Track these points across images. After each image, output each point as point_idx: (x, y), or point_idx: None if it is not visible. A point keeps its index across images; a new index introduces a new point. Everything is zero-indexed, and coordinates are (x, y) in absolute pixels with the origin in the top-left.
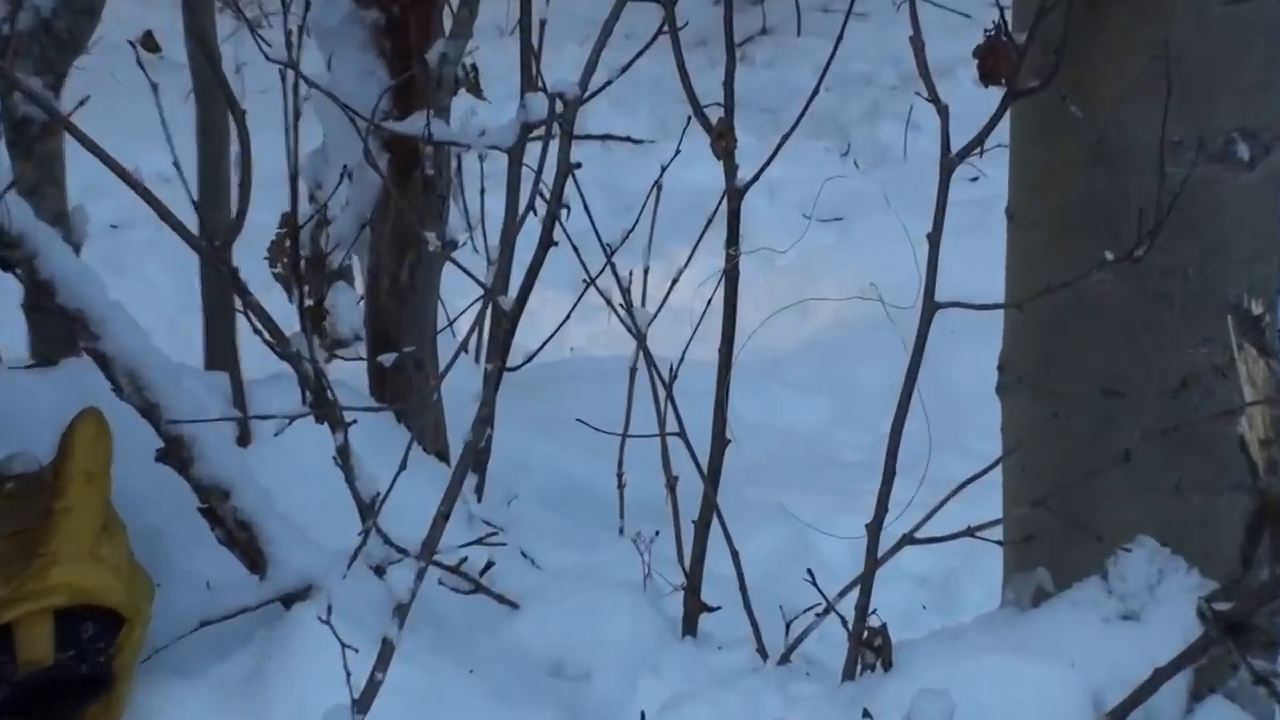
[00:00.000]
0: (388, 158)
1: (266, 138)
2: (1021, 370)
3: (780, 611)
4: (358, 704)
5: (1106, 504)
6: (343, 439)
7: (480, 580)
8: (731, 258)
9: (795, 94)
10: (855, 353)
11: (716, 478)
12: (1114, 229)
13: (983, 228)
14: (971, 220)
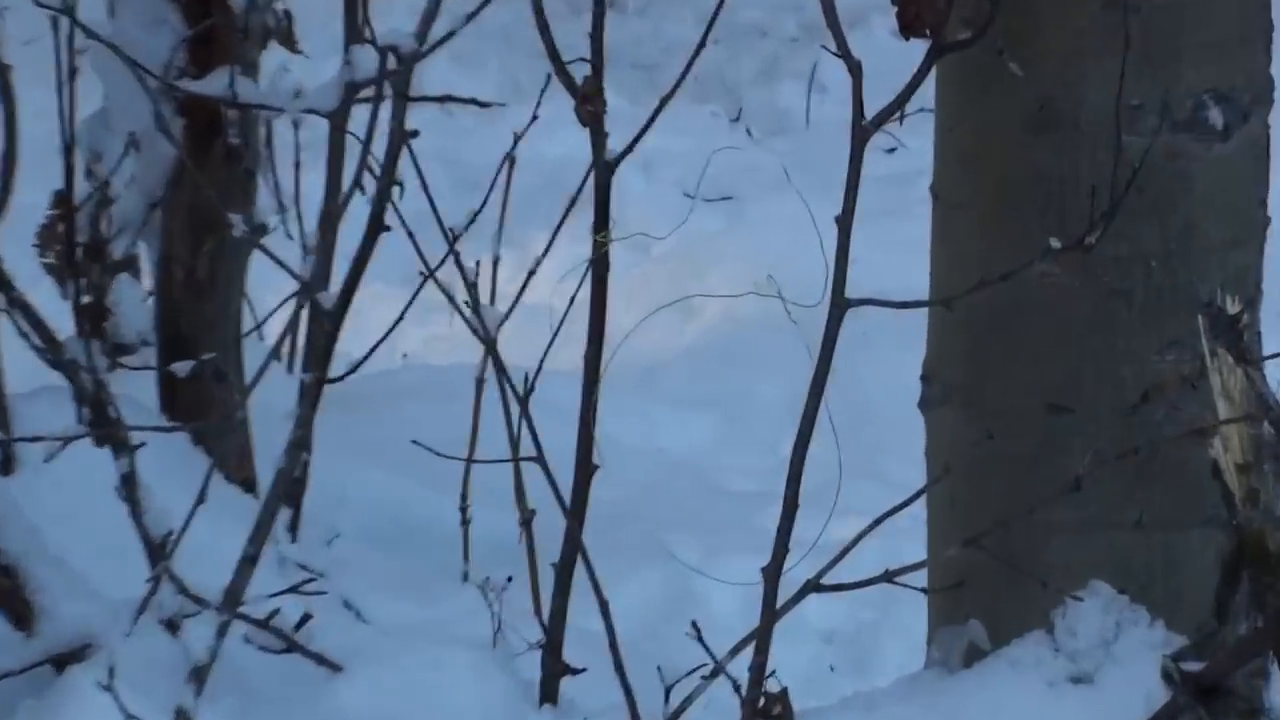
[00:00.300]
0: (183, 124)
1: (34, 99)
2: (950, 381)
3: (659, 674)
4: None
5: (1052, 542)
6: (128, 465)
7: (295, 637)
8: (599, 245)
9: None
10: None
11: (582, 512)
12: (1061, 211)
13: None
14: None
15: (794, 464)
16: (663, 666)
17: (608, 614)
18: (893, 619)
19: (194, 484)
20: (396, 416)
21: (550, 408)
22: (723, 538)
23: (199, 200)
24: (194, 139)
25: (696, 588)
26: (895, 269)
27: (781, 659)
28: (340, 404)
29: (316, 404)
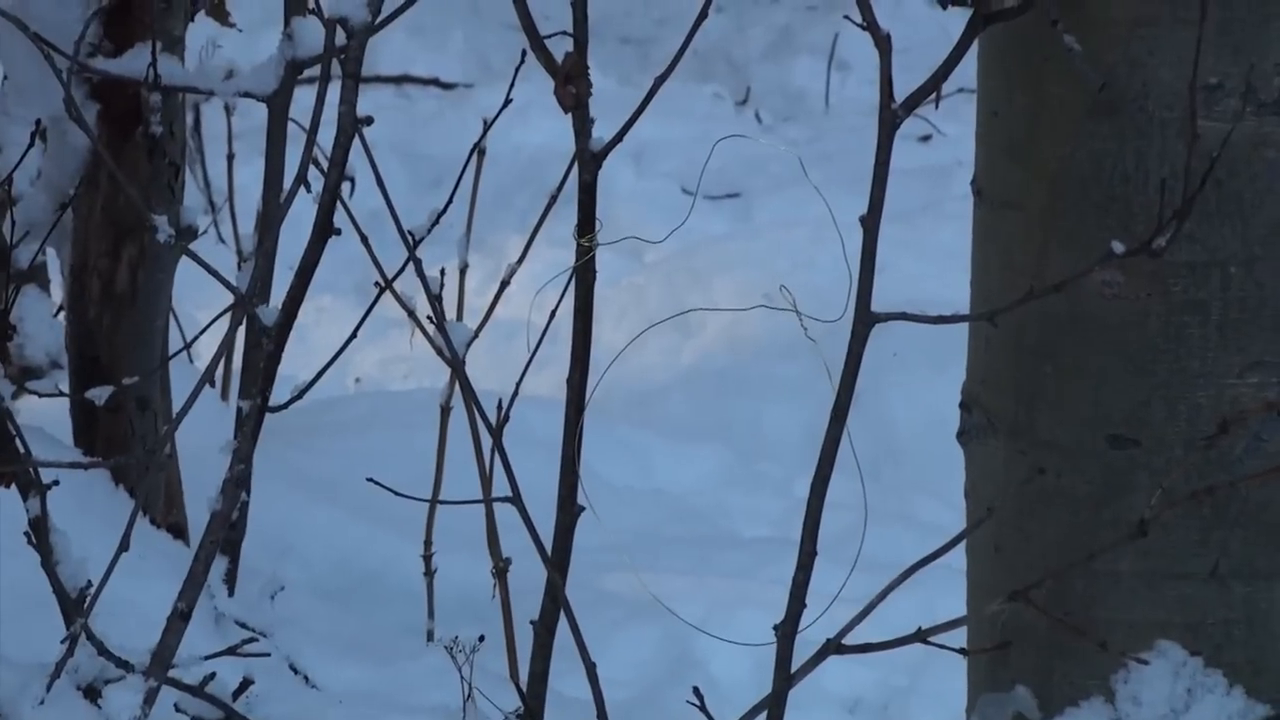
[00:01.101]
0: (97, 110)
1: None
2: (994, 409)
3: None
4: None
5: (1114, 596)
6: (38, 507)
7: (234, 706)
8: (584, 251)
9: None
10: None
11: (565, 560)
12: (1125, 210)
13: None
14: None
15: (812, 506)
16: None
17: (595, 679)
18: (926, 685)
19: (116, 528)
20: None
21: (528, 440)
22: (729, 591)
23: (117, 199)
24: (111, 127)
25: (698, 648)
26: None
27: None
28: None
29: (257, 436)
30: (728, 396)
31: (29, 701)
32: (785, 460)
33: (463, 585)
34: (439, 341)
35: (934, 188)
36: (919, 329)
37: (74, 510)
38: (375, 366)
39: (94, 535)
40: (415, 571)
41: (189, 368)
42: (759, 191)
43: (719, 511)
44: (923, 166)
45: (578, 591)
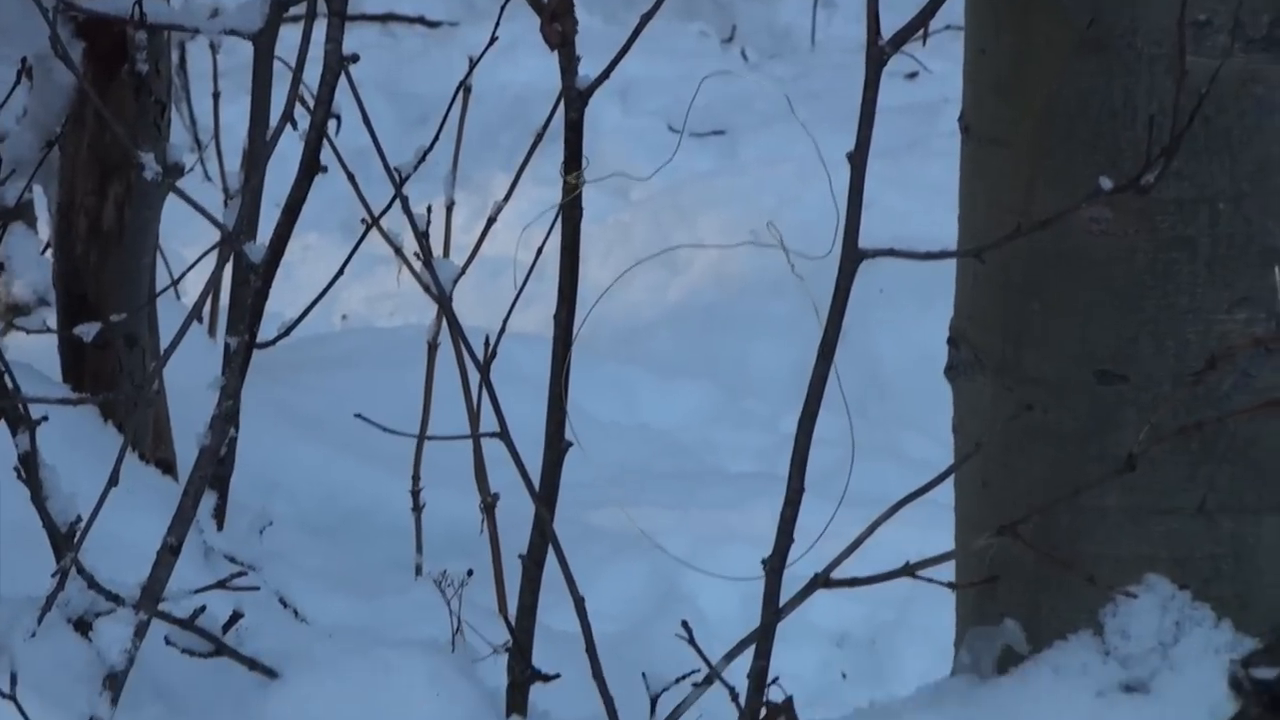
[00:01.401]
0: (83, 47)
1: None
2: (982, 345)
3: (644, 681)
4: None
5: (1101, 531)
6: (28, 443)
7: (224, 639)
8: (571, 188)
9: None
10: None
11: (553, 495)
12: (1113, 147)
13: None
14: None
15: (799, 442)
16: (648, 673)
17: (583, 612)
18: (914, 619)
19: (105, 464)
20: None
21: (515, 376)
22: (716, 526)
23: (103, 137)
24: (97, 65)
25: (686, 583)
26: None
27: (785, 664)
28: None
29: (244, 372)
30: (714, 333)
31: (20, 635)
32: (772, 396)
33: (450, 520)
34: (426, 278)
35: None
36: (906, 265)
37: (63, 446)
38: (362, 303)
39: (83, 471)
40: (403, 507)
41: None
42: (745, 129)
43: (706, 447)
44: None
45: (565, 526)
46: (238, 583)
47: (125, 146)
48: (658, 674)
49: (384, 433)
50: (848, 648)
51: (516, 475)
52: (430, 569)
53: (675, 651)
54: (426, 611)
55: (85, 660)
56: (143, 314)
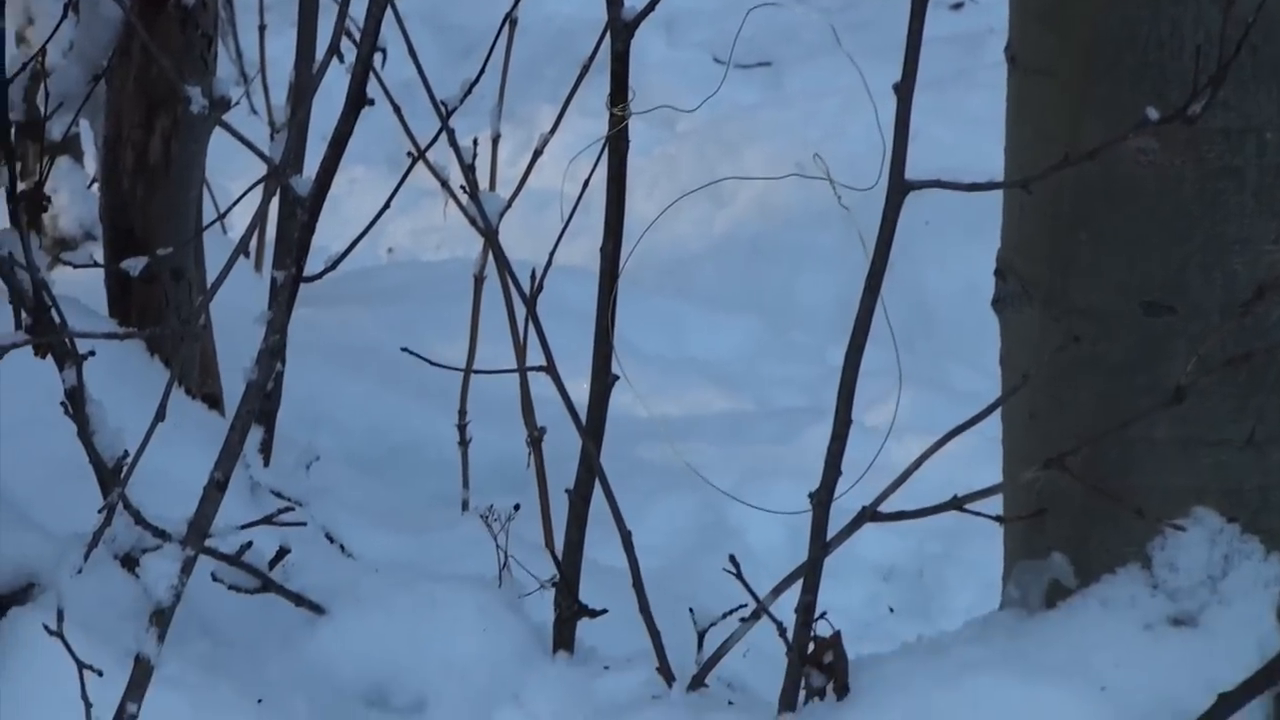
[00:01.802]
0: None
1: None
2: (1029, 277)
3: (690, 616)
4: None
5: (1149, 463)
6: (74, 378)
7: (270, 574)
8: (617, 120)
9: None
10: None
11: (600, 429)
12: (1160, 76)
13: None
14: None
15: (846, 374)
16: (694, 607)
17: (630, 547)
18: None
19: (151, 399)
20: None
21: (561, 310)
22: (763, 460)
23: (150, 71)
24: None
25: (733, 517)
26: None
27: (833, 598)
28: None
29: (291, 306)
30: (760, 266)
31: (67, 571)
32: (818, 329)
33: (497, 455)
34: (472, 211)
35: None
36: (952, 197)
37: (110, 381)
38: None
39: (130, 406)
40: (449, 441)
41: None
42: (791, 61)
43: (752, 380)
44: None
45: (612, 461)
46: (284, 518)
47: (172, 80)
48: (705, 609)
49: (430, 367)
50: (895, 581)
51: (563, 409)
52: (477, 504)
53: (722, 586)
54: (473, 546)
55: (132, 596)
56: (189, 248)
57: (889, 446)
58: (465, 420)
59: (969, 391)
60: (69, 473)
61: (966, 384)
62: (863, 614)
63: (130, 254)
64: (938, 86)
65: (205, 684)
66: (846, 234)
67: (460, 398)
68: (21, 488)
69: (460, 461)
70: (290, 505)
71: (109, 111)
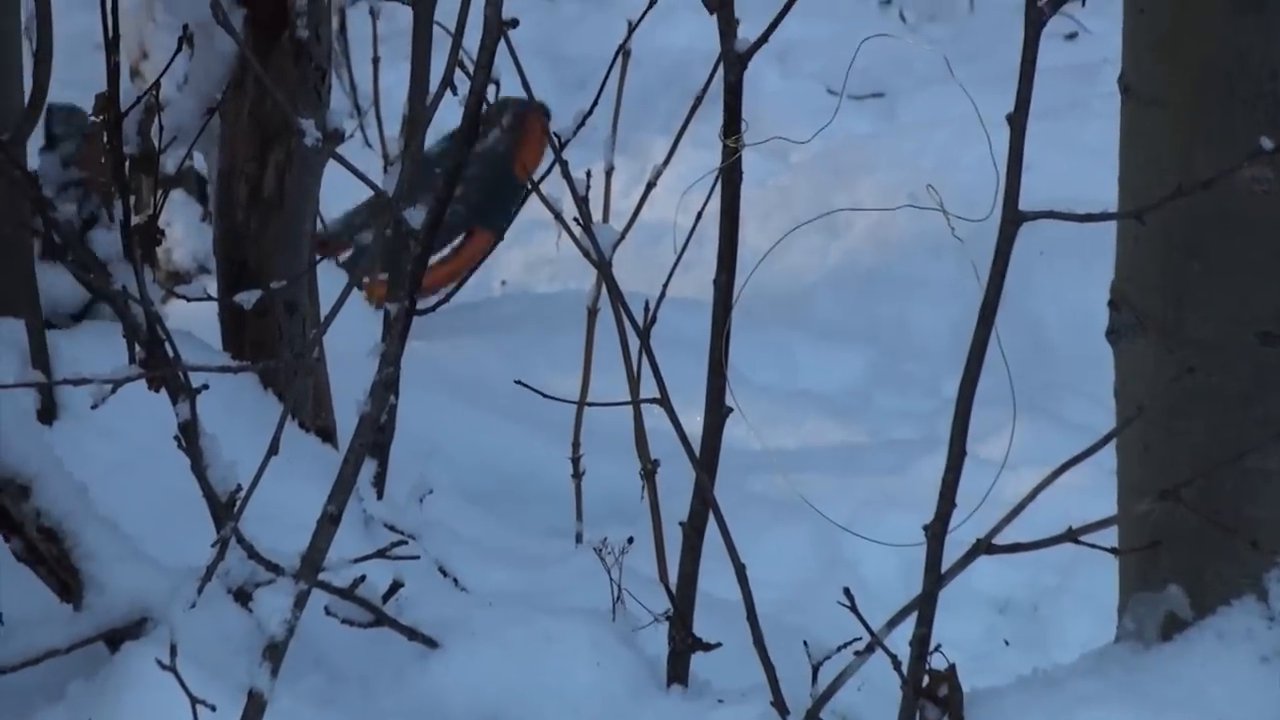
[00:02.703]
0: (244, 14)
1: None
2: (1143, 307)
3: (805, 649)
4: None
5: (1265, 494)
6: (188, 411)
7: (384, 608)
8: (730, 152)
9: None
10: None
11: (714, 462)
12: (1273, 105)
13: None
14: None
15: (960, 405)
16: (809, 640)
17: (745, 580)
18: (1077, 585)
19: (264, 432)
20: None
21: (675, 342)
22: (877, 492)
23: (264, 104)
24: (257, 31)
25: (847, 549)
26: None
27: (947, 631)
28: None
29: (405, 338)
30: (874, 297)
31: (180, 605)
32: (932, 360)
33: (610, 487)
34: (585, 243)
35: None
36: (1066, 227)
37: (223, 414)
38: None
39: (243, 439)
40: (563, 473)
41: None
42: (904, 91)
43: (866, 412)
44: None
45: (726, 492)
46: (398, 551)
47: (286, 113)
48: (819, 641)
49: (543, 399)
50: (1010, 614)
51: (677, 441)
52: (590, 537)
53: (837, 619)
54: (587, 579)
55: (245, 630)
56: (303, 280)
57: (1003, 478)
58: (579, 453)
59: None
60: (182, 507)
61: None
62: (978, 647)
63: (244, 287)
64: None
65: (318, 719)
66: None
67: (574, 430)
68: (135, 522)
69: (574, 494)
70: (404, 539)
71: (223, 145)
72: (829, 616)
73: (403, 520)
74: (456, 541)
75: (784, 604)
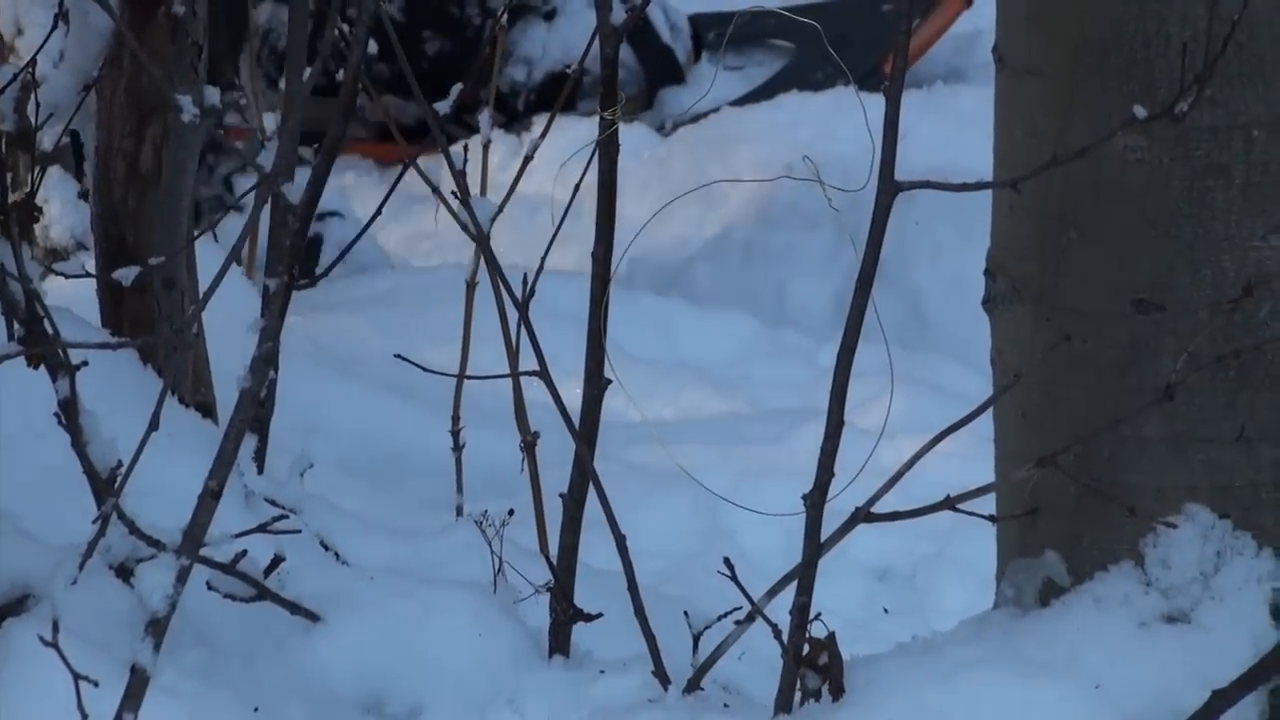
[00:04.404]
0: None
1: None
2: (1019, 276)
3: (686, 619)
4: None
5: (1141, 461)
6: (67, 388)
7: (265, 583)
8: (608, 124)
9: None
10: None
11: (593, 433)
12: (1147, 75)
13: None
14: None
15: (838, 375)
16: (690, 610)
17: (625, 550)
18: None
19: (144, 408)
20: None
21: (554, 314)
22: (756, 461)
23: (140, 80)
24: (133, 7)
25: (727, 519)
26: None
27: (827, 599)
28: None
29: (284, 313)
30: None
31: (62, 582)
32: (811, 330)
33: (490, 460)
34: (463, 217)
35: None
36: (942, 197)
37: (103, 391)
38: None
39: (123, 415)
40: (443, 447)
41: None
42: None
43: (745, 382)
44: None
45: (605, 464)
46: (279, 526)
47: (163, 89)
48: (700, 611)
49: (423, 372)
50: (889, 582)
51: (556, 414)
52: (471, 509)
53: (717, 589)
54: (468, 552)
55: (127, 606)
56: (181, 257)
57: (882, 447)
58: (458, 426)
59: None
60: (63, 483)
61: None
62: (857, 615)
63: (122, 263)
64: (928, 87)
65: (201, 693)
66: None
67: (454, 403)
68: (15, 499)
69: (454, 467)
70: (285, 513)
71: (99, 121)
72: (709, 586)
73: (284, 495)
74: (338, 515)
75: (664, 574)
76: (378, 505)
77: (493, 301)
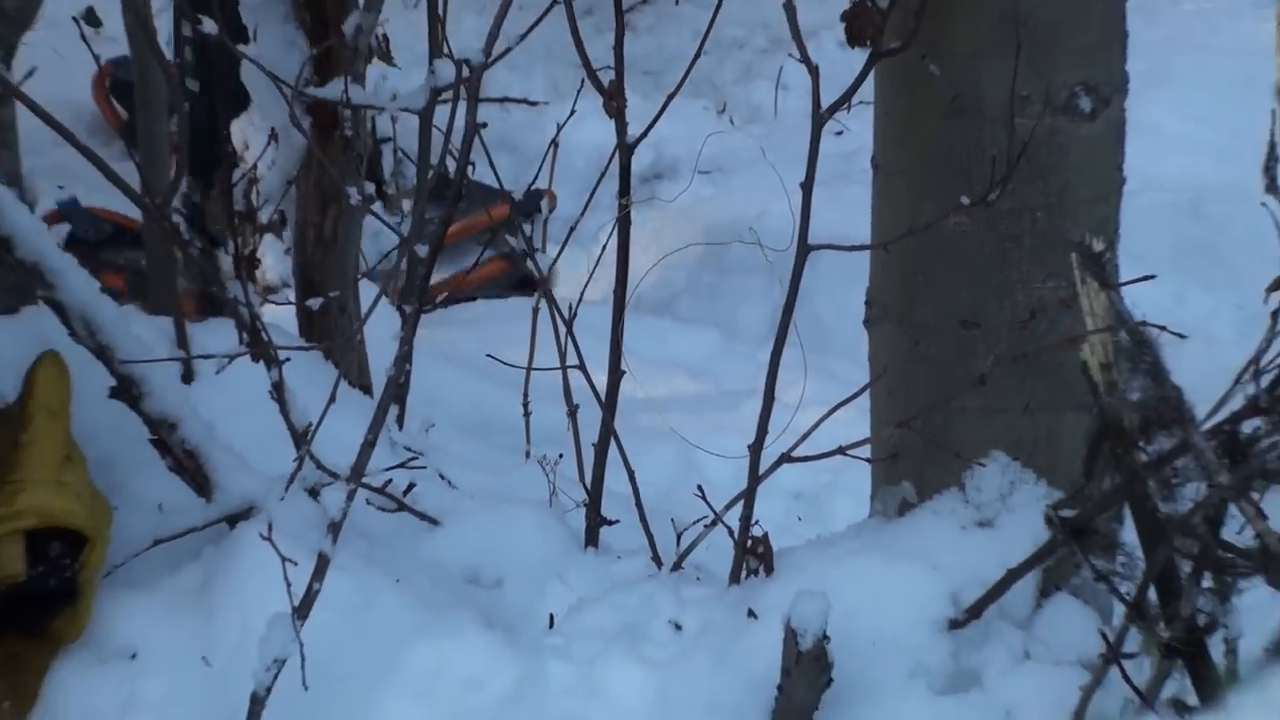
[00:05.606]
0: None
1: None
2: (887, 305)
3: (672, 524)
4: (297, 611)
5: (963, 424)
6: (277, 375)
7: (403, 500)
8: (623, 207)
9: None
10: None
11: (613, 406)
12: (970, 176)
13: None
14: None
15: (771, 368)
16: (674, 519)
17: (634, 480)
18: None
19: (326, 389)
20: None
21: (588, 329)
22: (718, 423)
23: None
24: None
25: (699, 460)
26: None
27: (763, 512)
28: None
29: (415, 328)
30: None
31: (274, 499)
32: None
33: (548, 423)
34: (532, 266)
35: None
36: (839, 255)
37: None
38: None
39: (313, 393)
40: (516, 414)
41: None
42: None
43: (711, 373)
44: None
45: (622, 425)
46: (412, 464)
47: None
48: (681, 519)
49: (504, 366)
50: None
51: (590, 393)
52: (535, 454)
53: (692, 505)
54: (533, 482)
55: (316, 515)
56: (349, 291)
57: (798, 415)
58: (527, 400)
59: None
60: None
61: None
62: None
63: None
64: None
65: (362, 570)
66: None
67: (524, 386)
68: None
69: (524, 428)
70: (416, 455)
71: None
72: (687, 504)
73: (415, 444)
74: (449, 458)
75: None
76: (475, 451)
77: (549, 320)
